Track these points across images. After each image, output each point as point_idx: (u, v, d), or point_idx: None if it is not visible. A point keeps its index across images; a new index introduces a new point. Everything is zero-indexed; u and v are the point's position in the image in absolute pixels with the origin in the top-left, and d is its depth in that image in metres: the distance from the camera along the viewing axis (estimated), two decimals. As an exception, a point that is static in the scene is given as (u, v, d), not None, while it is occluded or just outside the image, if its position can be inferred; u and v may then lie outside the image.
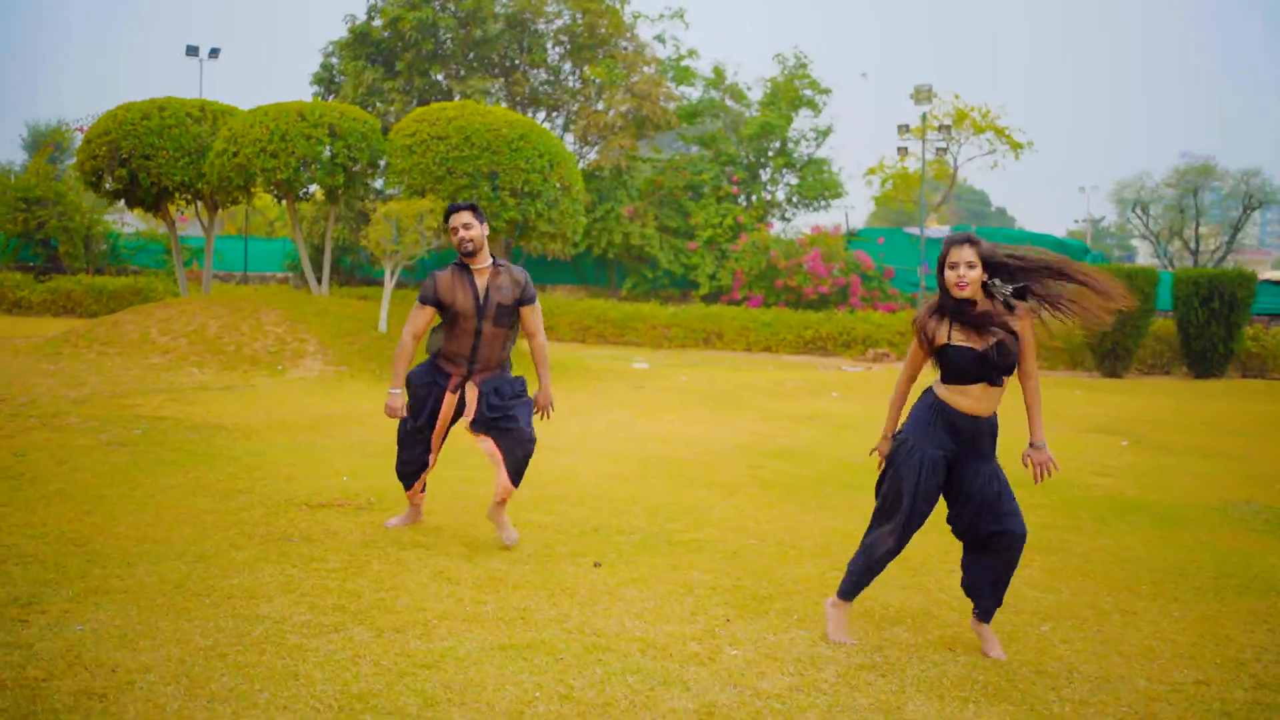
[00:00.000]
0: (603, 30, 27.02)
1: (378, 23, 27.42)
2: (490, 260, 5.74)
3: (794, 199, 26.08)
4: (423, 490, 6.06)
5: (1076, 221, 61.29)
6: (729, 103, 26.59)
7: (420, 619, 4.41)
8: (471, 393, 5.71)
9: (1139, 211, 62.56)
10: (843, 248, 24.20)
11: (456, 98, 25.56)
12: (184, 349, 14.61)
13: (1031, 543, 5.86)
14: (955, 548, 5.99)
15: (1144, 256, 71.72)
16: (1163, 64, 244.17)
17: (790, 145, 25.56)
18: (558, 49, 28.44)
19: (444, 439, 5.90)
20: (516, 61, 28.18)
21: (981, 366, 4.24)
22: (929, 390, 4.42)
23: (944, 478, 4.34)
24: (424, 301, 5.72)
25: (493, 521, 5.79)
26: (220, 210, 18.30)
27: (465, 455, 8.62)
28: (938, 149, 22.71)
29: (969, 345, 4.22)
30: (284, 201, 17.57)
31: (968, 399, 4.29)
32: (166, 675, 3.70)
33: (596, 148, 26.80)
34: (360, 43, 27.45)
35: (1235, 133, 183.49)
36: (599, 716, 3.54)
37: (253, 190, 16.80)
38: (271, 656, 3.91)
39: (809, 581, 5.23)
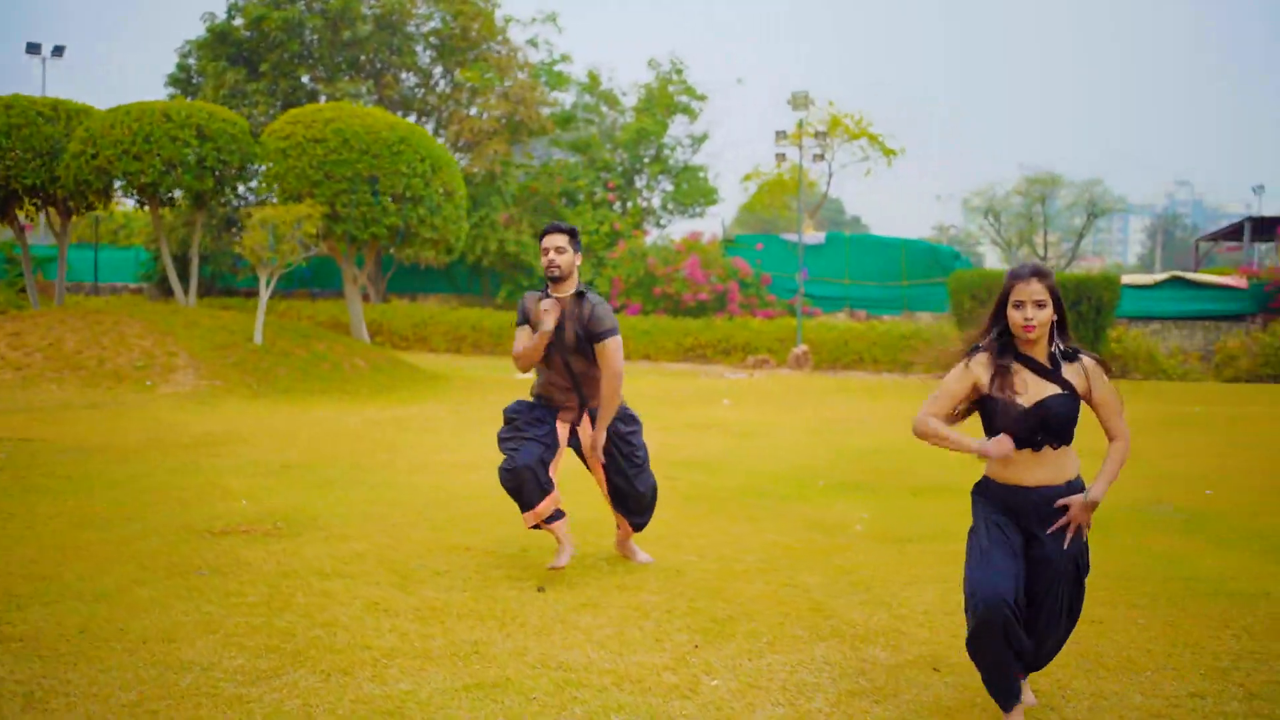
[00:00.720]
0: (474, 33, 26.52)
1: (239, 21, 26.36)
2: (575, 288, 5.38)
3: (669, 205, 26.02)
4: (559, 518, 5.31)
5: (933, 229, 63.14)
6: (604, 109, 26.39)
7: (367, 658, 4.01)
8: (587, 426, 5.46)
9: (990, 219, 64.89)
10: (720, 254, 24.22)
11: (323, 100, 24.72)
12: (39, 365, 13.64)
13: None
14: (908, 561, 5.84)
15: (992, 261, 74.26)
16: (1008, 75, 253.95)
17: (666, 151, 25.50)
18: (428, 52, 27.80)
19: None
20: (386, 64, 27.44)
21: (1027, 427, 3.53)
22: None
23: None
24: (521, 321, 5.46)
25: (622, 553, 5.75)
26: (74, 216, 17.23)
27: (369, 473, 8.15)
28: (815, 155, 22.91)
29: (1018, 400, 3.53)
30: (145, 207, 16.62)
31: (1009, 468, 3.60)
32: (90, 739, 3.23)
33: (469, 153, 26.27)
34: (220, 42, 26.33)
35: (1072, 145, 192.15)
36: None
37: (112, 195, 15.86)
38: (210, 711, 3.46)
39: (765, 601, 4.99)
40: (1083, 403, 3.59)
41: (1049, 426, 3.51)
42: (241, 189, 18.03)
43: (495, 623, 4.51)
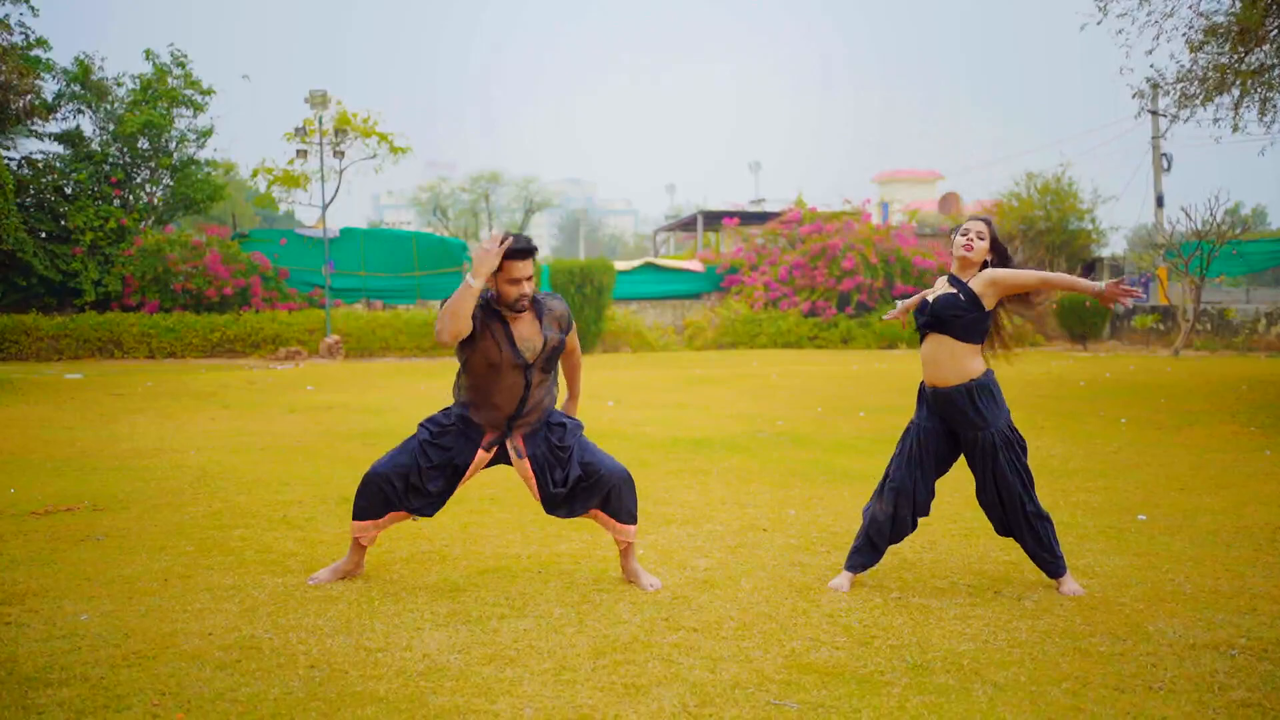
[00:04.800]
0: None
1: None
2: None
3: (175, 200, 25.65)
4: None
5: (429, 224, 65.58)
6: (101, 100, 25.28)
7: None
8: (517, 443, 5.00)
9: (439, 214, 68.45)
10: (238, 249, 24.53)
11: None
12: None
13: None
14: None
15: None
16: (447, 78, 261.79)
17: (171, 146, 25.14)
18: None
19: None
20: None
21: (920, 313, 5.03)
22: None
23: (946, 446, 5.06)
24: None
25: (630, 577, 5.14)
26: None
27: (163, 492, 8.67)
28: (336, 152, 23.96)
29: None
30: None
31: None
32: None
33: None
34: None
35: (472, 141, 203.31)
36: None
37: None
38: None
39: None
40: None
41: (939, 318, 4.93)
42: None
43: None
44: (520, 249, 4.64)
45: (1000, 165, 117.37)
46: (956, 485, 7.13)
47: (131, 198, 25.21)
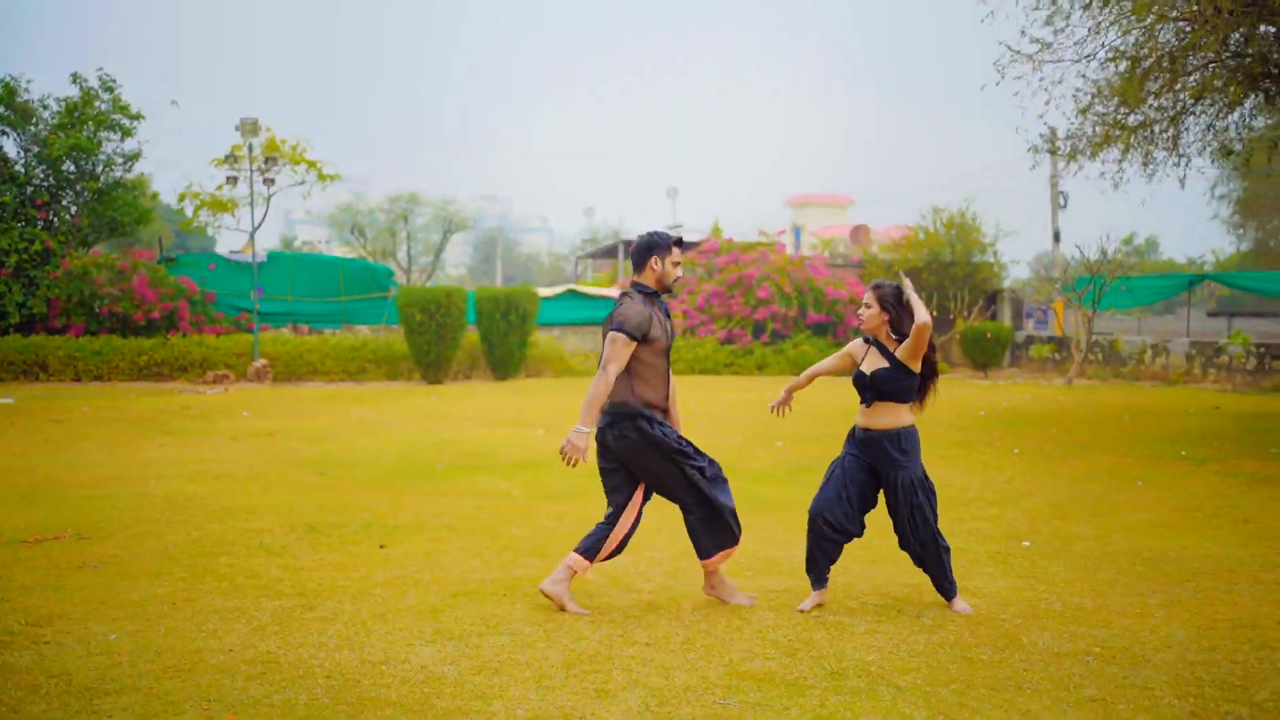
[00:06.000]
0: None
1: None
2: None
3: (101, 223, 25.72)
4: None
5: (347, 243, 65.45)
6: (26, 122, 25.28)
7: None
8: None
9: (357, 233, 68.43)
10: (165, 273, 24.74)
11: None
12: None
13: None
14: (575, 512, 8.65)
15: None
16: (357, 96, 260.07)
17: (99, 170, 25.25)
18: None
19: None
20: None
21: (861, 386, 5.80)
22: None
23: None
24: (640, 338, 5.60)
25: (718, 594, 5.97)
26: None
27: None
28: (266, 179, 24.33)
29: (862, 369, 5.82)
30: None
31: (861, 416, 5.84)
32: None
33: None
34: None
35: (387, 154, 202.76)
36: None
37: None
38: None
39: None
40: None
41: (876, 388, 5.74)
42: None
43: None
44: (676, 241, 5.84)
45: (910, 197, 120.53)
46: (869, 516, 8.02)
47: (56, 220, 25.27)
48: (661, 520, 8.34)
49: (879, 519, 6.67)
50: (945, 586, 5.84)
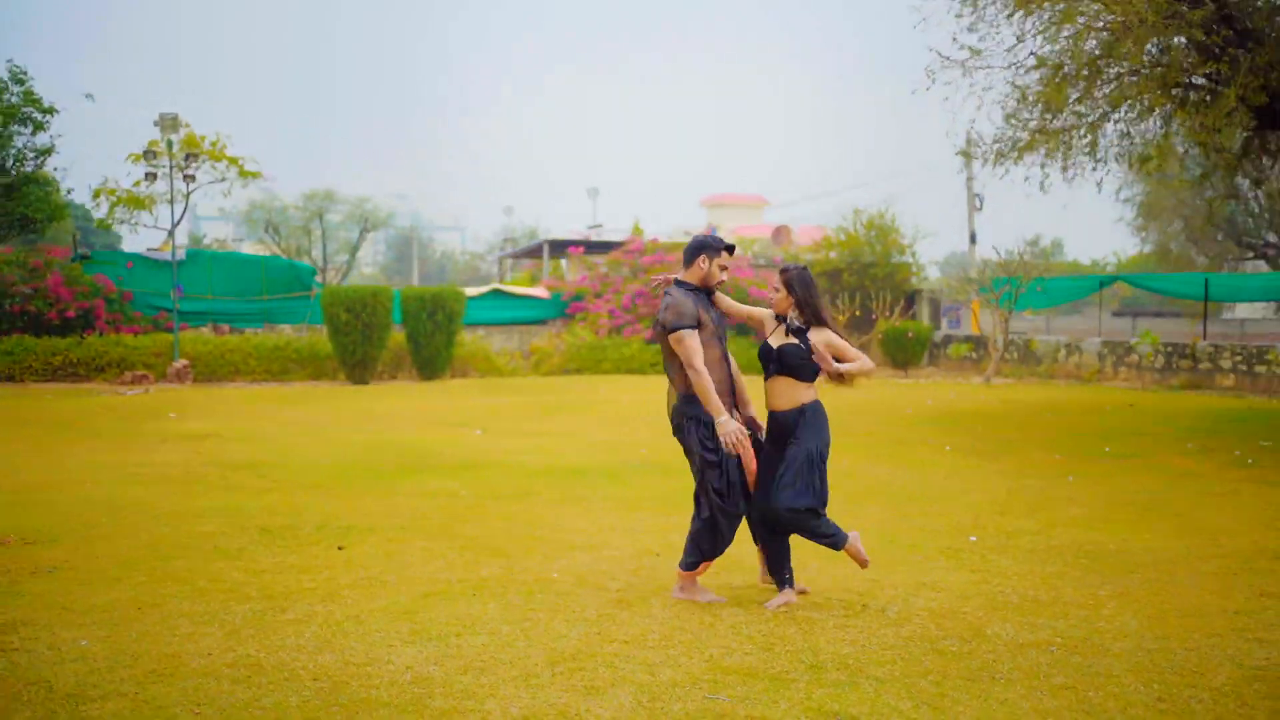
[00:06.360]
0: None
1: None
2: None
3: (10, 220, 24.92)
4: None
5: (260, 241, 64.20)
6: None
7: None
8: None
9: (271, 232, 67.25)
10: (80, 271, 24.09)
11: None
12: None
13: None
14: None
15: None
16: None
17: (9, 164, 24.47)
18: None
19: None
20: None
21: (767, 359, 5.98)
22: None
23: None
24: (693, 325, 5.82)
25: (687, 595, 6.11)
26: None
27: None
28: (186, 176, 23.79)
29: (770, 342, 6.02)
30: None
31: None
32: None
33: None
34: None
35: (299, 149, 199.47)
36: None
37: None
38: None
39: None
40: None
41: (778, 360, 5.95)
42: None
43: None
44: (725, 247, 6.03)
45: (827, 198, 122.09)
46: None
47: (-38, 215, 24.46)
48: (616, 520, 8.41)
49: (837, 509, 6.82)
50: (782, 573, 6.02)
